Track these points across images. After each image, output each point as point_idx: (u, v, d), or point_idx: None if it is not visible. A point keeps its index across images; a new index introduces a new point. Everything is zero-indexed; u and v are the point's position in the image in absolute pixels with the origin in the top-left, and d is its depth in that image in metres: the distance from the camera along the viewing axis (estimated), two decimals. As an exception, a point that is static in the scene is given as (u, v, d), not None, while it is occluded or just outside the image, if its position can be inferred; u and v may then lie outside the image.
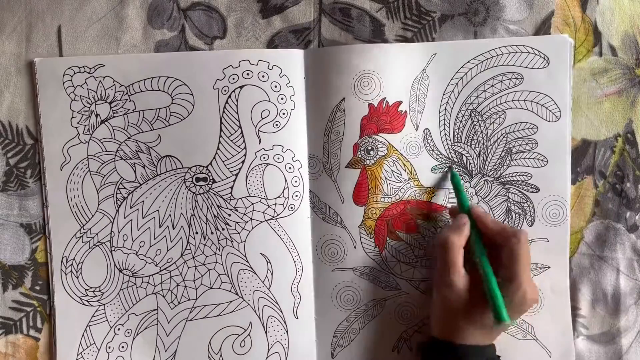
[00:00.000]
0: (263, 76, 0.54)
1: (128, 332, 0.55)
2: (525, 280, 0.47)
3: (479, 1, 0.54)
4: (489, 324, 0.47)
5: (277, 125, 0.54)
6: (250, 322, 0.55)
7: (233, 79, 0.54)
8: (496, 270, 0.48)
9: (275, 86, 0.54)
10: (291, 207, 0.55)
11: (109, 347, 0.55)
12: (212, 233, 0.55)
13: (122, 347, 0.55)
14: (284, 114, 0.54)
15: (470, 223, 0.50)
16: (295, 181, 0.55)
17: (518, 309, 0.48)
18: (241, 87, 0.54)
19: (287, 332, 0.55)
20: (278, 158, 0.55)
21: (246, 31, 0.55)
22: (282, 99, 0.54)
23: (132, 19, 0.54)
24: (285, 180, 0.55)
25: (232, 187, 0.55)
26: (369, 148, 0.54)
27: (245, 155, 0.54)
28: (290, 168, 0.55)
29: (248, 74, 0.54)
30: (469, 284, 0.48)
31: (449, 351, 0.48)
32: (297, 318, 0.55)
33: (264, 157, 0.54)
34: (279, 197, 0.55)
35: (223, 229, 0.55)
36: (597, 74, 0.55)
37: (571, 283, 0.55)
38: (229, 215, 0.55)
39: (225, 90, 0.54)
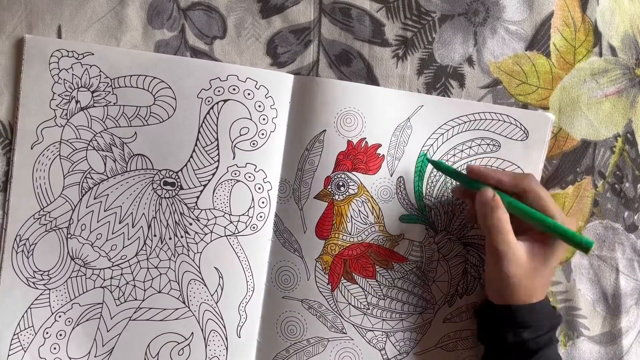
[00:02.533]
0: (249, 94, 0.54)
1: (69, 321, 0.55)
2: (563, 214, 0.48)
3: (479, 1, 0.54)
4: (547, 278, 0.49)
5: (254, 144, 0.54)
6: (192, 333, 0.55)
7: (219, 91, 0.54)
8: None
9: (259, 106, 0.54)
10: (253, 227, 0.55)
11: (47, 333, 0.55)
12: (170, 238, 0.55)
13: (60, 334, 0.55)
14: (263, 134, 0.54)
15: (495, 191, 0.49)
16: (263, 202, 0.55)
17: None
18: (225, 100, 0.54)
19: (226, 348, 0.55)
20: (249, 177, 0.54)
21: (246, 31, 0.55)
22: (263, 119, 0.54)
23: (132, 19, 0.54)
24: (253, 199, 0.55)
25: (198, 197, 0.54)
26: (340, 184, 0.54)
27: (217, 168, 0.54)
28: (259, 188, 0.55)
29: (234, 89, 0.54)
30: (526, 249, 0.48)
31: (511, 316, 0.48)
32: (240, 337, 0.55)
33: (235, 173, 0.54)
34: (242, 215, 0.55)
35: (182, 237, 0.55)
36: (597, 74, 0.55)
37: (571, 283, 0.56)
38: (190, 224, 0.54)
39: (208, 101, 0.54)
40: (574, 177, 0.55)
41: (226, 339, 0.55)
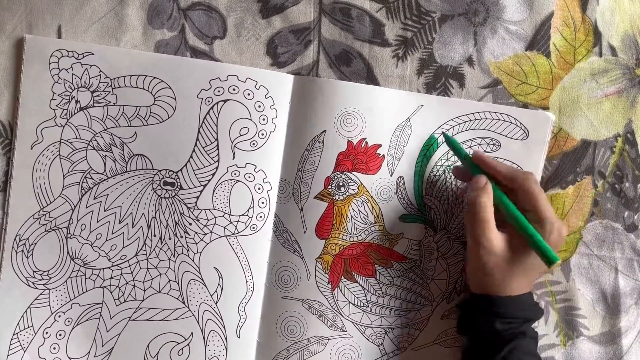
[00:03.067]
0: (249, 94, 0.54)
1: (68, 321, 0.55)
2: (554, 216, 0.47)
3: (479, 1, 0.54)
4: (529, 272, 0.48)
5: (254, 144, 0.54)
6: (192, 333, 0.55)
7: (218, 91, 0.54)
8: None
9: (259, 106, 0.54)
10: (253, 227, 0.55)
11: (46, 333, 0.55)
12: (169, 239, 0.55)
13: (60, 334, 0.55)
14: (262, 134, 0.54)
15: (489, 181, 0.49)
16: (262, 202, 0.55)
17: (556, 246, 0.47)
18: (225, 101, 0.54)
19: (226, 349, 0.55)
20: (249, 177, 0.54)
21: (246, 31, 0.55)
22: (263, 119, 0.54)
23: (132, 19, 0.54)
24: (252, 199, 0.55)
25: (197, 197, 0.54)
26: (340, 184, 0.54)
27: (217, 168, 0.54)
28: (259, 189, 0.55)
29: (234, 89, 0.54)
30: (505, 240, 0.48)
31: (488, 305, 0.48)
32: (239, 337, 0.55)
33: (235, 174, 0.54)
34: (242, 215, 0.55)
35: (181, 237, 0.55)
36: (597, 74, 0.55)
37: (571, 283, 0.56)
38: (190, 224, 0.54)
39: (208, 101, 0.54)
40: (574, 177, 0.55)
41: (226, 339, 0.55)
